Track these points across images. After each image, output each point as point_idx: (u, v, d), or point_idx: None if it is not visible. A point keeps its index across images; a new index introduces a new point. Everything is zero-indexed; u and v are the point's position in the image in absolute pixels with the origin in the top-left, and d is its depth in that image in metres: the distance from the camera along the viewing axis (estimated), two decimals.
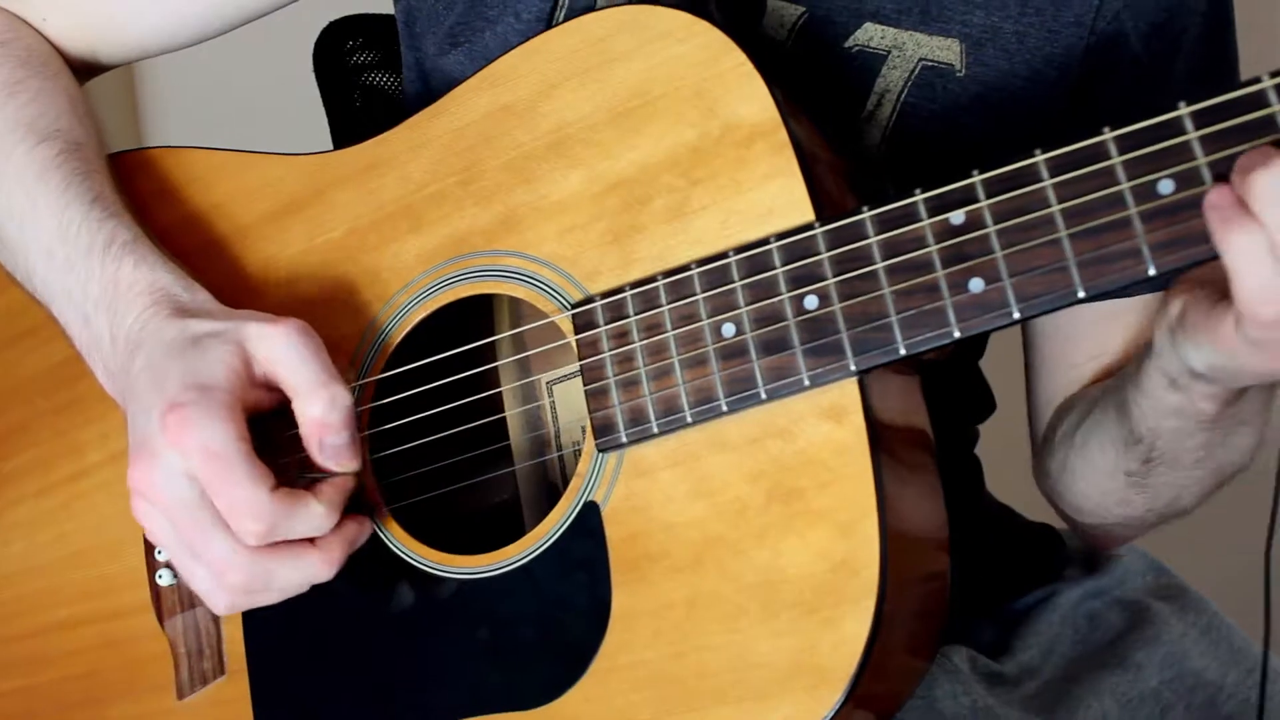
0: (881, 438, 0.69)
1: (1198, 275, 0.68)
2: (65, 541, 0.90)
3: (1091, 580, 0.94)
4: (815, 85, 0.77)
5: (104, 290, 0.79)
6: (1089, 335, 0.90)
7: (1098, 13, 0.84)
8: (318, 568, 0.73)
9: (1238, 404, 0.75)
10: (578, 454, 0.86)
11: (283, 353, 0.73)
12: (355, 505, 0.78)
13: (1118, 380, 0.82)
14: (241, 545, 0.71)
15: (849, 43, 0.84)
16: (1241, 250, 0.60)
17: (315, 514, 0.72)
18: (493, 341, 0.85)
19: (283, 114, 1.12)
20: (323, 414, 0.73)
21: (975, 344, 0.99)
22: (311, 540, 0.73)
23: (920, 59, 0.84)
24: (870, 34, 0.84)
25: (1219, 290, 0.65)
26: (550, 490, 0.88)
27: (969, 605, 0.84)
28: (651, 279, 0.73)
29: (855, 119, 0.85)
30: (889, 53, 0.84)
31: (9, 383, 0.94)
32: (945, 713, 0.82)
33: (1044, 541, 1.00)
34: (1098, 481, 0.86)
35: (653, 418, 0.72)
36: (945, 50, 0.84)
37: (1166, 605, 0.90)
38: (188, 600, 0.84)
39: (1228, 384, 0.71)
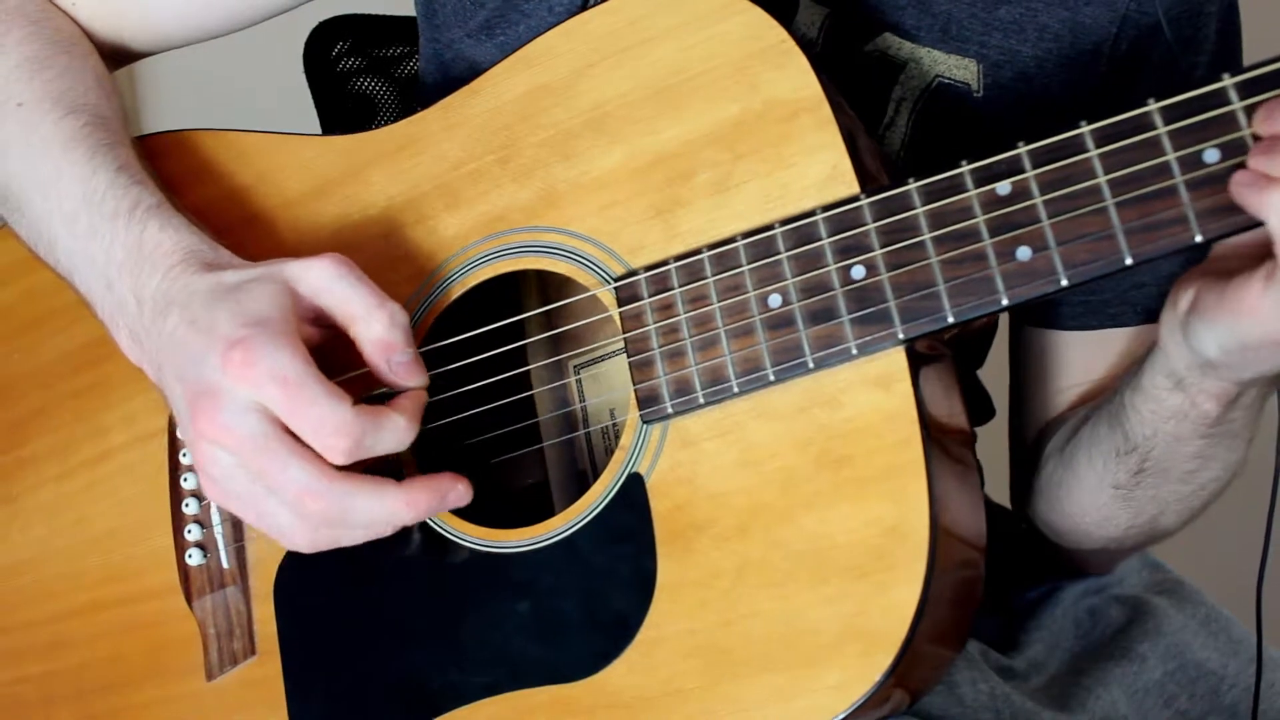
0: (928, 407, 0.70)
1: (1203, 268, 0.69)
2: (87, 525, 0.89)
3: (1090, 578, 0.95)
4: (841, 87, 0.77)
5: (128, 253, 0.78)
6: (1076, 360, 0.92)
7: (1115, 41, 0.85)
8: (398, 505, 0.71)
9: (1235, 407, 0.76)
10: (605, 435, 0.86)
11: (332, 282, 0.73)
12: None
13: (1110, 395, 0.83)
14: (319, 470, 0.70)
15: (868, 47, 0.85)
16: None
17: (398, 425, 0.71)
18: (524, 320, 0.85)
19: (284, 110, 1.12)
20: (385, 331, 0.73)
21: (975, 353, 1.00)
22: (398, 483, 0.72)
23: (937, 75, 0.84)
24: (889, 43, 0.84)
25: (1231, 271, 0.66)
26: (579, 474, 0.88)
27: None
28: (696, 252, 0.74)
29: (877, 127, 0.86)
30: (906, 64, 0.84)
31: (28, 367, 0.93)
32: (965, 699, 0.83)
33: (1041, 541, 1.00)
34: (1082, 498, 0.87)
35: (699, 388, 0.73)
36: (962, 70, 0.84)
37: (1165, 599, 0.91)
38: (217, 580, 0.84)
39: (1238, 371, 0.71)
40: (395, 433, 0.72)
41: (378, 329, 0.73)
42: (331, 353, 0.76)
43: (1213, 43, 0.87)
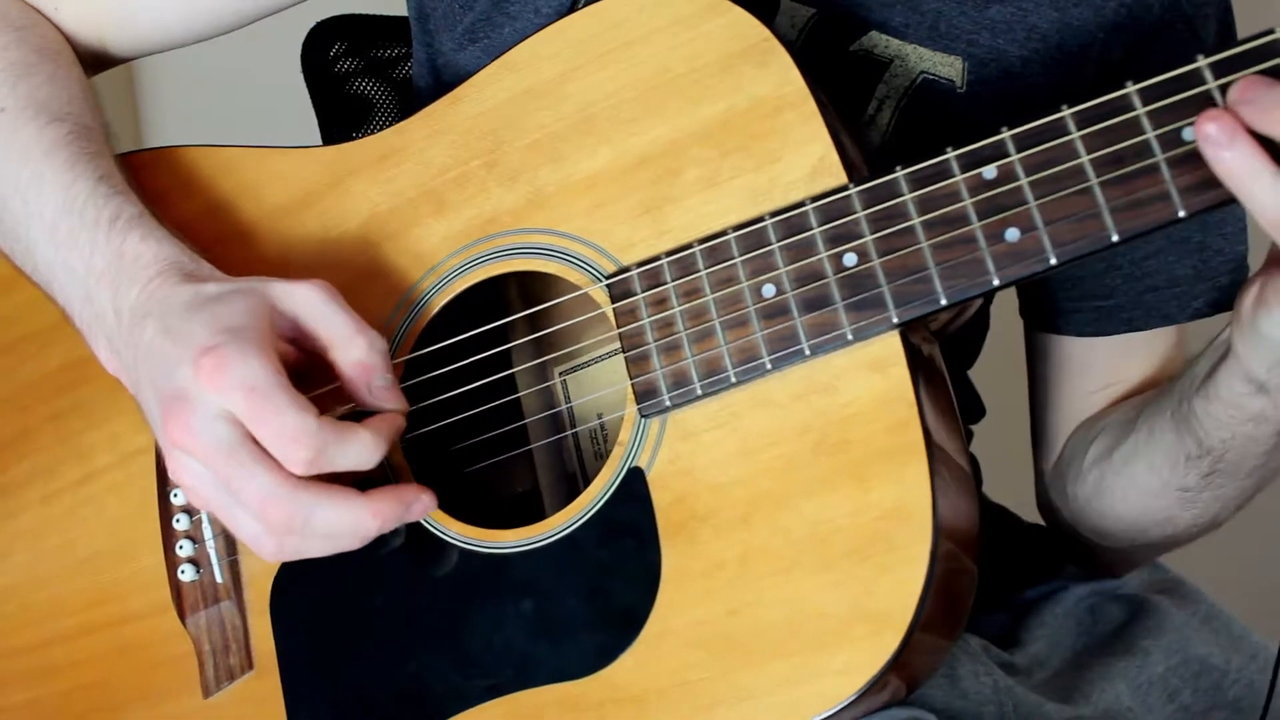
0: (923, 388, 0.71)
1: (1264, 267, 0.69)
2: (72, 548, 0.88)
3: (1092, 580, 0.96)
4: (822, 84, 0.79)
5: (108, 264, 0.78)
6: (1103, 365, 0.92)
7: (1105, 46, 0.85)
8: (363, 515, 0.70)
9: None
10: (593, 437, 0.87)
11: (313, 306, 0.73)
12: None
13: (1168, 397, 0.82)
14: (282, 478, 0.69)
15: (854, 46, 0.86)
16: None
17: (363, 440, 0.70)
18: (512, 325, 0.85)
19: (286, 111, 1.12)
20: (365, 356, 0.73)
21: (966, 353, 1.02)
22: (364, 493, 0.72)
23: (922, 72, 0.85)
24: (875, 41, 0.85)
25: None
26: (568, 476, 0.88)
27: (975, 597, 0.86)
28: (687, 246, 0.75)
29: (857, 123, 0.87)
30: (891, 62, 0.85)
31: (5, 391, 0.92)
32: (968, 691, 0.83)
33: (1042, 539, 1.02)
34: (1140, 501, 0.86)
35: (696, 379, 0.73)
36: (947, 67, 0.85)
37: (1165, 598, 0.92)
38: (211, 595, 0.83)
39: None
40: (360, 448, 0.71)
41: (357, 354, 0.73)
42: (309, 377, 0.75)
43: (1213, 45, 0.87)
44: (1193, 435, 0.79)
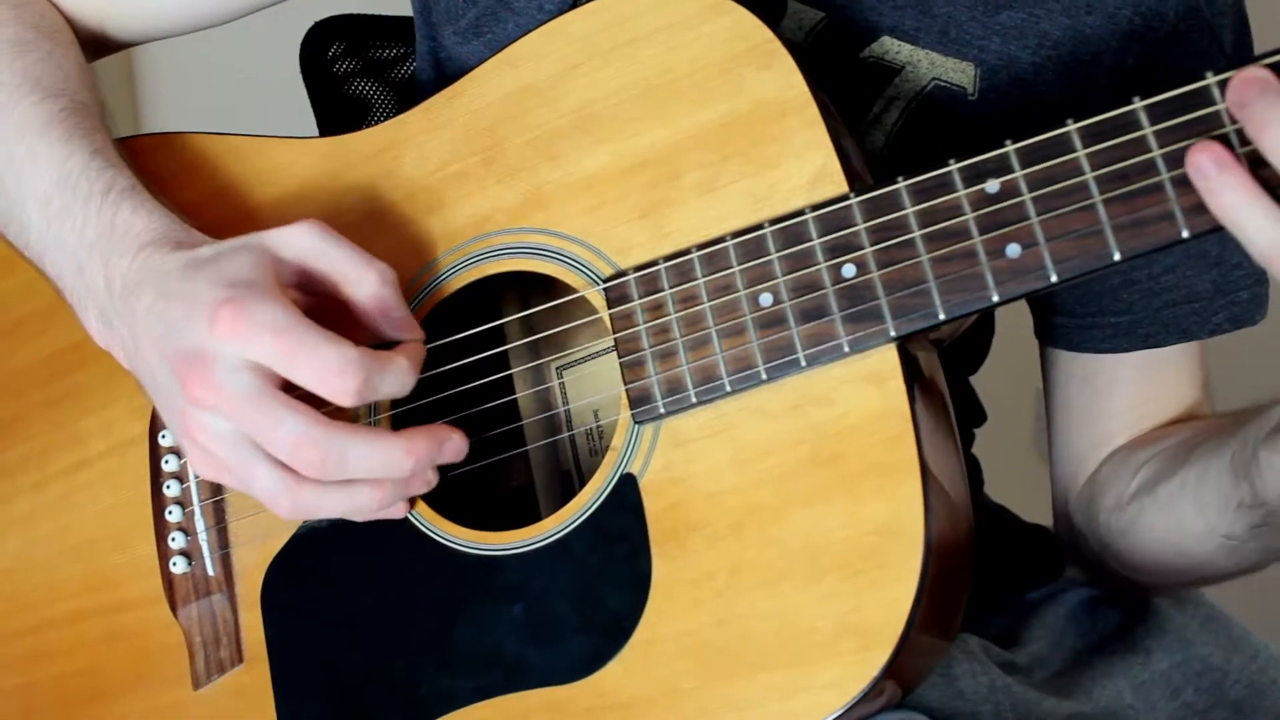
0: (919, 403, 0.70)
1: None
2: (66, 534, 0.88)
3: (1092, 583, 0.96)
4: (827, 87, 0.78)
5: (99, 234, 0.77)
6: (1128, 384, 0.91)
7: (1119, 54, 0.84)
8: (396, 451, 0.70)
9: None
10: (590, 437, 0.86)
11: (317, 245, 0.72)
12: None
13: (1230, 439, 0.78)
14: (315, 418, 0.68)
15: (864, 53, 0.85)
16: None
17: (401, 365, 0.70)
18: (508, 323, 0.84)
19: (284, 111, 1.11)
20: (377, 288, 0.72)
21: (972, 359, 1.01)
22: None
23: (933, 78, 0.84)
24: (886, 47, 0.84)
25: None
26: (563, 475, 0.88)
27: (975, 597, 0.85)
28: (686, 252, 0.74)
29: (861, 122, 0.86)
30: (903, 68, 0.84)
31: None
32: (965, 691, 0.83)
33: (1042, 540, 1.01)
34: (1181, 542, 0.84)
35: (690, 387, 0.73)
36: (959, 73, 0.84)
37: (1164, 600, 0.92)
38: (203, 588, 0.83)
39: None
40: (400, 373, 0.71)
41: (369, 287, 0.73)
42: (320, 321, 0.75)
43: (1230, 55, 0.86)
44: (1249, 484, 0.75)
